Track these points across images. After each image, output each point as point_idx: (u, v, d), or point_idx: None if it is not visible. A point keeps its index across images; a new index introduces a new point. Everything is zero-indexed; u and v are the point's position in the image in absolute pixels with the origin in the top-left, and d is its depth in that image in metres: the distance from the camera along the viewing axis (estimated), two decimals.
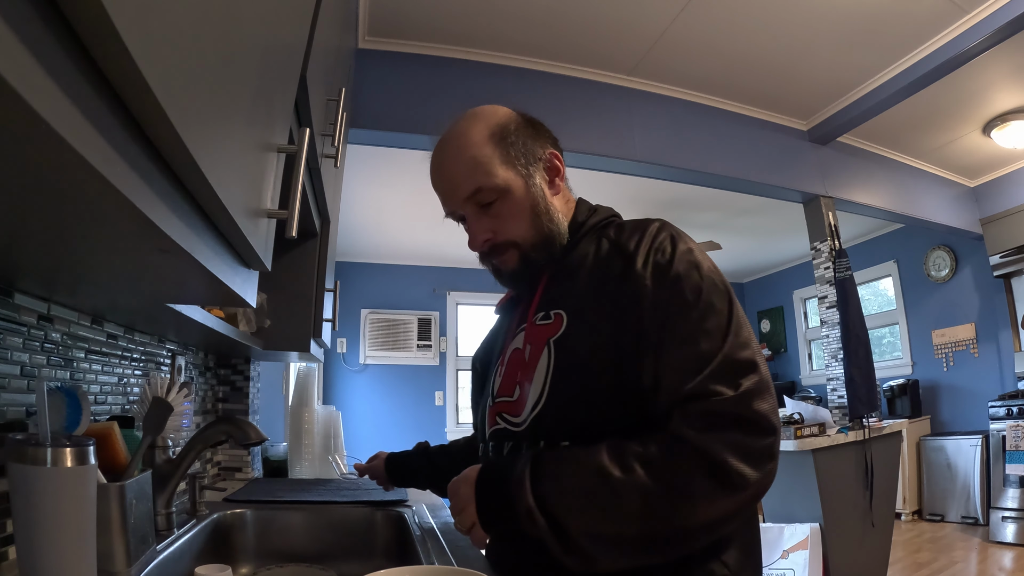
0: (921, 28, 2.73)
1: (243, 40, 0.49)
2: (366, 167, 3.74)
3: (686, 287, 0.70)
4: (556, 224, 0.82)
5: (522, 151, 0.81)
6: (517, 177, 0.80)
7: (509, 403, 0.81)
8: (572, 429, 0.73)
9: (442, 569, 0.80)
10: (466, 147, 0.79)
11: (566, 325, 0.76)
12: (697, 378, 0.65)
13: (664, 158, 3.11)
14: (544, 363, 0.76)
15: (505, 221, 0.80)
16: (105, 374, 1.02)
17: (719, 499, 0.61)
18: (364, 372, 5.69)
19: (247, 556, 1.21)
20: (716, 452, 0.62)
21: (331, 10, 1.19)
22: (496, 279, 0.86)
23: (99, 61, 0.29)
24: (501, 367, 0.85)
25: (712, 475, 0.61)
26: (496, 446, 0.82)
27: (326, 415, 1.94)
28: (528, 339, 0.80)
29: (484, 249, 0.82)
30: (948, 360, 4.83)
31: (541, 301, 0.82)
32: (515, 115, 0.84)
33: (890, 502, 2.82)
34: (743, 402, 0.64)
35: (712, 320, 0.69)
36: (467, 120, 0.82)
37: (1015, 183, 4.28)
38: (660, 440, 0.65)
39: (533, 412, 0.76)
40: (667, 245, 0.74)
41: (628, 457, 0.64)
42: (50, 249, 0.52)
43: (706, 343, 0.67)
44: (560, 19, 2.65)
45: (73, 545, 0.58)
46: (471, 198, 0.79)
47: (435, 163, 0.83)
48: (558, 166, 0.85)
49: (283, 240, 0.71)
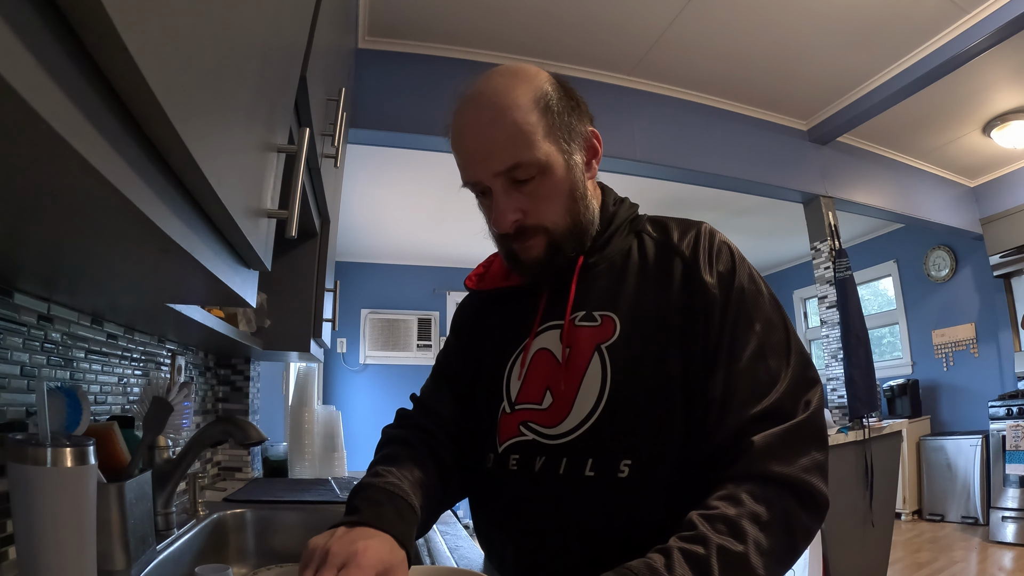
0: (921, 28, 2.73)
1: (243, 40, 0.49)
2: (366, 167, 3.74)
3: (749, 301, 0.68)
4: (592, 212, 0.74)
5: (566, 125, 0.71)
6: (559, 153, 0.70)
7: (538, 411, 0.71)
8: (635, 443, 0.66)
9: (442, 569, 0.80)
10: (508, 110, 0.67)
11: (620, 330, 0.70)
12: (771, 397, 0.63)
13: (664, 158, 3.12)
14: (597, 371, 0.69)
15: (539, 202, 0.70)
16: (105, 374, 1.01)
17: (813, 526, 0.61)
18: (364, 372, 5.69)
19: (247, 556, 1.21)
20: (806, 481, 0.60)
21: (331, 10, 1.19)
22: (511, 265, 0.76)
23: (99, 61, 0.29)
24: (520, 368, 0.75)
25: (804, 506, 0.60)
26: (522, 460, 0.71)
27: (326, 415, 1.94)
28: (568, 340, 0.72)
29: (511, 231, 0.71)
30: (948, 360, 4.83)
31: (578, 299, 0.73)
32: (555, 81, 0.73)
33: (890, 502, 2.82)
34: (815, 422, 0.63)
35: (775, 336, 0.67)
36: (507, 78, 0.70)
37: (1015, 183, 4.28)
38: (752, 490, 0.59)
39: (585, 424, 0.68)
40: (726, 252, 0.72)
41: (741, 527, 0.57)
42: (50, 249, 0.52)
43: (773, 360, 0.66)
44: (560, 19, 2.65)
45: (73, 545, 0.58)
46: (506, 172, 0.68)
47: (467, 122, 0.70)
48: (596, 147, 0.75)
49: (283, 240, 0.71)
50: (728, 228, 5.06)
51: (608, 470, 0.66)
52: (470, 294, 0.89)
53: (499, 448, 0.73)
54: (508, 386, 0.75)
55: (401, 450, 0.75)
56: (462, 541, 1.04)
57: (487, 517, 0.76)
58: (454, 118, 0.72)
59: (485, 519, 0.77)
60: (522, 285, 0.79)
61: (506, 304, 0.82)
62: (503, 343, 0.79)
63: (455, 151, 0.72)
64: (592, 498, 0.66)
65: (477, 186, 0.72)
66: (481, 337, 0.83)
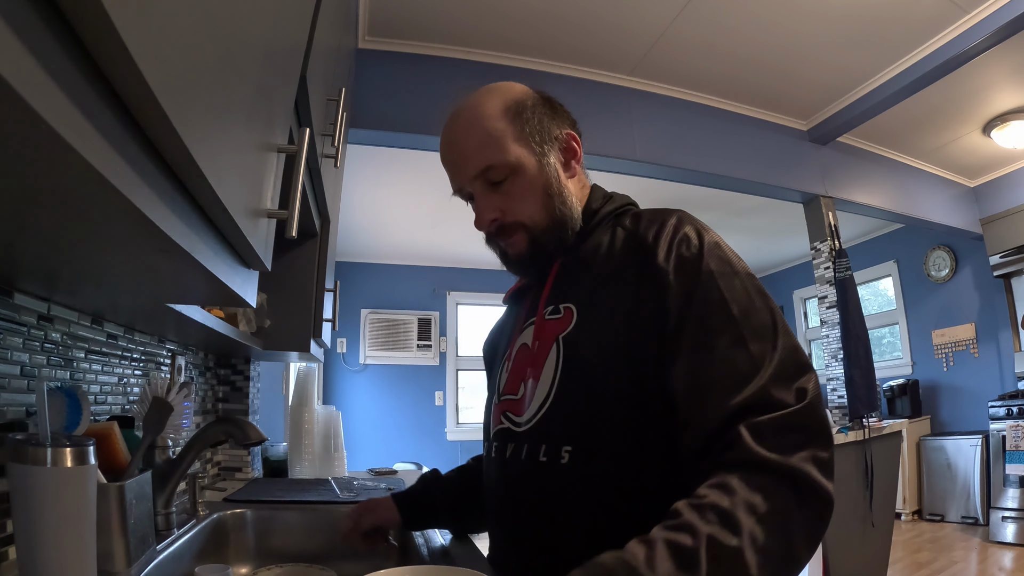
0: (921, 28, 2.73)
1: (243, 40, 0.49)
2: (366, 167, 3.74)
3: (721, 283, 0.64)
4: (569, 208, 0.77)
5: (537, 128, 0.76)
6: (530, 155, 0.75)
7: (514, 401, 0.77)
8: (578, 433, 0.68)
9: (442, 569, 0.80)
10: (479, 120, 0.75)
11: (576, 320, 0.72)
12: (754, 385, 0.58)
13: (664, 158, 3.12)
14: (552, 361, 0.72)
15: (515, 201, 0.75)
16: (105, 374, 1.01)
17: (817, 529, 0.56)
18: (364, 372, 5.68)
19: (247, 556, 1.21)
20: (806, 472, 0.55)
21: (331, 10, 1.19)
22: (503, 264, 0.81)
23: (99, 61, 0.29)
24: (508, 362, 0.81)
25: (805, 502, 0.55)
26: (499, 447, 0.77)
27: (326, 415, 1.94)
28: (537, 334, 0.76)
29: (491, 229, 0.77)
30: (948, 360, 4.83)
31: (551, 293, 0.77)
32: (532, 92, 0.79)
33: (890, 502, 2.82)
34: (812, 412, 0.58)
35: (756, 319, 0.63)
36: (482, 94, 0.78)
37: (1015, 183, 4.28)
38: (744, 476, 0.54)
39: (538, 413, 0.72)
40: (693, 237, 0.69)
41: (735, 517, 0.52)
42: (50, 249, 0.52)
43: (756, 345, 0.61)
44: (560, 19, 2.65)
45: (73, 545, 0.58)
46: (481, 175, 0.75)
47: (446, 136, 0.78)
48: (575, 148, 0.80)
49: (283, 240, 0.71)
50: (728, 228, 5.06)
51: (554, 455, 0.69)
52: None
53: (491, 436, 0.81)
54: (500, 379, 0.83)
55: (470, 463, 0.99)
56: (462, 541, 1.04)
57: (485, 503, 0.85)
58: (441, 136, 0.79)
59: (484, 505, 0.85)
60: (527, 285, 0.85)
61: (512, 305, 0.91)
62: (502, 341, 0.89)
63: (443, 164, 0.80)
64: (543, 482, 0.70)
65: (463, 192, 0.79)
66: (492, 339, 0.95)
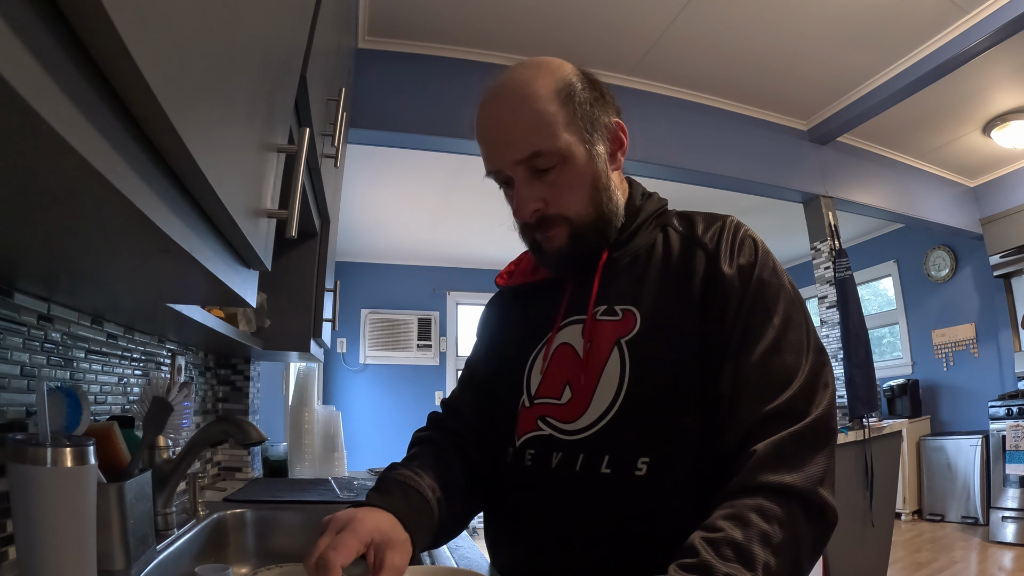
0: (921, 28, 2.73)
1: (243, 40, 0.49)
2: (366, 167, 3.74)
3: (769, 295, 0.66)
4: (615, 204, 0.74)
5: (588, 115, 0.71)
6: (580, 144, 0.70)
7: (557, 406, 0.71)
8: (650, 441, 0.65)
9: (442, 569, 0.80)
10: (528, 100, 0.68)
11: (640, 325, 0.69)
12: (785, 395, 0.61)
13: (664, 158, 3.12)
14: (616, 366, 0.68)
15: (561, 192, 0.70)
16: (105, 374, 1.01)
17: (820, 545, 0.59)
18: (364, 372, 5.68)
19: (247, 556, 1.21)
20: (816, 495, 0.58)
21: (331, 10, 1.19)
22: (535, 256, 0.77)
23: (99, 61, 0.29)
24: (543, 361, 0.74)
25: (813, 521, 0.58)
26: (538, 455, 0.70)
27: (326, 415, 1.94)
28: (589, 335, 0.71)
29: (532, 220, 0.71)
30: (948, 360, 4.83)
31: (601, 293, 0.73)
32: (581, 73, 0.73)
33: (890, 502, 2.82)
34: (826, 424, 0.61)
35: (794, 333, 0.65)
36: (530, 69, 0.71)
37: (1015, 183, 4.28)
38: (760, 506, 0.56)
39: (601, 421, 0.67)
40: (749, 245, 0.70)
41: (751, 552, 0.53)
42: (50, 249, 0.52)
43: (790, 355, 0.63)
44: (560, 19, 2.65)
45: (73, 545, 0.58)
46: (526, 161, 0.69)
47: (489, 112, 0.71)
48: (622, 139, 0.75)
49: (283, 240, 0.71)
50: None
51: (625, 467, 0.65)
52: (497, 293, 0.89)
53: (516, 442, 0.73)
54: (529, 380, 0.75)
55: (425, 449, 0.77)
56: (462, 541, 1.04)
57: (500, 512, 0.76)
58: (478, 110, 0.73)
59: (498, 514, 0.76)
60: (548, 280, 0.79)
61: (532, 299, 0.82)
62: (527, 337, 0.79)
63: (479, 141, 0.73)
64: (607, 496, 0.65)
65: (500, 175, 0.72)
66: (506, 332, 0.84)
